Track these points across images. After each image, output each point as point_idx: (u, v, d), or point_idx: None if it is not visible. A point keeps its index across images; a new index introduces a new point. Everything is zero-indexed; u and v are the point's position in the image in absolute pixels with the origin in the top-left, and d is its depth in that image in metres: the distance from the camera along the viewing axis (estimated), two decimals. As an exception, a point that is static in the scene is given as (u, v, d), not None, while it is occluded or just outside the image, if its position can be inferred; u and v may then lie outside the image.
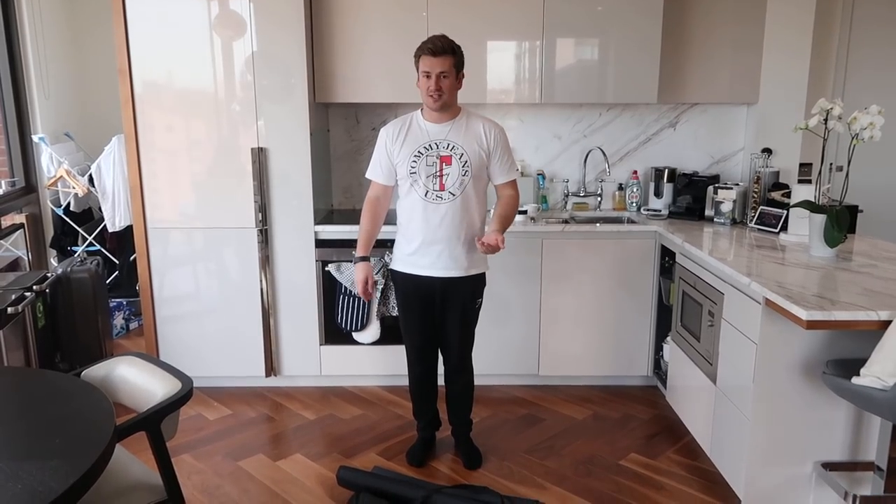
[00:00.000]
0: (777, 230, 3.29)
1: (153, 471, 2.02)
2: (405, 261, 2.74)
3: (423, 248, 2.68)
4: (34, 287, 3.25)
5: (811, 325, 2.10)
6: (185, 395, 1.97)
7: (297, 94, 3.38)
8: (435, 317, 2.77)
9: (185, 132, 3.44)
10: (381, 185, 2.74)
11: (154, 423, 1.90)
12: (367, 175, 2.77)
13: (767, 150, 3.74)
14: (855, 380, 2.09)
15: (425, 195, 2.64)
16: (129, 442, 2.23)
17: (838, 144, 3.98)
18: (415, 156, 2.63)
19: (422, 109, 2.70)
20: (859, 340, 2.29)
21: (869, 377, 2.05)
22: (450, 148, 2.63)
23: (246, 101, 3.39)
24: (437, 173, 2.63)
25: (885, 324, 2.08)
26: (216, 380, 3.68)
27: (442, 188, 2.63)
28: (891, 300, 2.20)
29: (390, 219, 2.83)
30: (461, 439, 2.98)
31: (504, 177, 2.75)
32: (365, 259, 2.73)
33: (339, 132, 4.00)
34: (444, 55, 2.53)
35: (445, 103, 2.59)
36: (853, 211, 3.20)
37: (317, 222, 3.52)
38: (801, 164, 3.80)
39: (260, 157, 3.43)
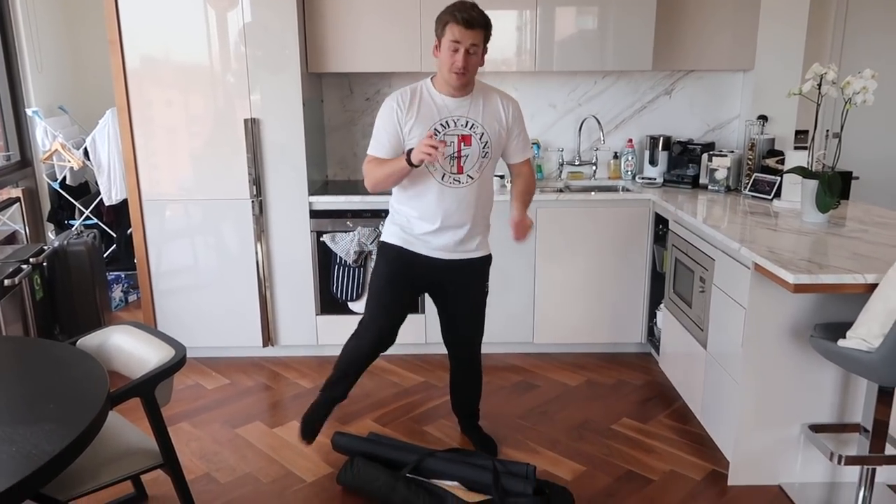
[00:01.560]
0: (771, 197, 3.29)
1: (150, 437, 2.07)
2: (414, 240, 2.51)
3: (440, 231, 2.47)
4: (31, 260, 3.28)
5: (798, 288, 2.11)
6: (178, 362, 2.01)
7: (290, 64, 3.36)
8: (416, 297, 2.69)
9: (178, 104, 3.42)
10: (378, 158, 2.45)
11: (148, 390, 1.94)
12: (371, 151, 2.45)
13: (763, 118, 3.72)
14: (841, 342, 2.11)
15: (442, 178, 2.41)
16: (128, 410, 2.27)
17: (835, 111, 3.96)
18: (435, 131, 2.37)
19: (432, 79, 2.44)
20: (848, 304, 2.31)
21: (854, 339, 2.08)
22: (469, 126, 2.40)
23: (239, 72, 3.37)
24: (455, 154, 2.40)
25: (872, 287, 2.09)
26: (214, 350, 3.72)
27: (460, 171, 2.41)
28: (879, 264, 2.21)
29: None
30: (473, 428, 2.90)
31: (522, 155, 2.57)
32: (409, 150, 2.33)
33: (334, 102, 3.98)
34: (477, 28, 2.26)
35: (469, 80, 2.37)
36: (846, 177, 3.20)
37: (311, 193, 3.53)
38: (798, 131, 3.78)
39: (253, 128, 3.42)
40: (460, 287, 2.62)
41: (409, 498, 2.38)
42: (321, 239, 3.51)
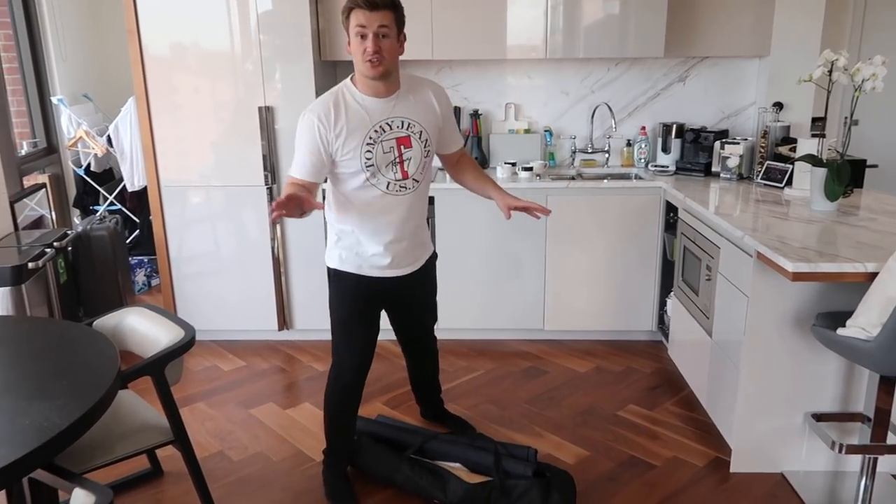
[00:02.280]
0: (782, 185, 3.27)
1: (163, 415, 2.15)
2: (364, 264, 2.31)
3: (390, 247, 2.30)
4: (55, 244, 3.39)
5: (797, 276, 2.11)
6: (188, 342, 2.08)
7: (304, 52, 3.42)
8: (381, 314, 2.46)
9: (195, 92, 3.50)
10: (308, 182, 2.16)
11: (158, 369, 2.02)
12: (291, 171, 2.19)
13: (778, 105, 3.68)
14: (840, 331, 2.11)
15: (387, 187, 2.22)
16: (144, 390, 2.37)
17: (854, 98, 3.91)
18: (367, 143, 2.15)
19: (352, 80, 2.20)
20: (851, 293, 2.30)
21: (854, 328, 2.08)
22: (407, 126, 2.20)
23: (254, 61, 3.43)
24: (398, 159, 2.21)
25: (873, 276, 2.09)
26: (231, 333, 3.82)
27: (405, 176, 2.23)
28: (881, 253, 2.20)
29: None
30: (443, 412, 2.93)
31: (457, 143, 2.47)
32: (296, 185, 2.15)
33: (348, 91, 4.02)
34: (383, 9, 2.06)
35: (387, 69, 2.11)
36: (859, 165, 3.17)
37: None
38: (814, 119, 3.75)
39: (267, 116, 3.49)
40: (417, 293, 2.55)
41: (412, 478, 2.44)
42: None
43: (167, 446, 2.15)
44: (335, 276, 2.38)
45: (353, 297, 2.36)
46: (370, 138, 2.16)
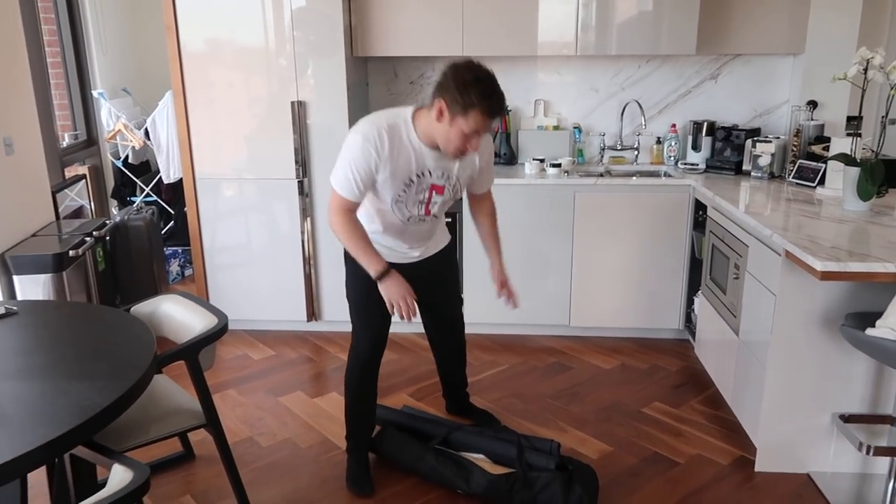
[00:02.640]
0: (814, 184, 3.23)
1: (196, 400, 2.22)
2: (380, 250, 2.31)
3: (405, 251, 2.42)
4: (94, 233, 3.50)
5: (825, 275, 2.10)
6: (221, 329, 2.15)
7: (337, 48, 3.47)
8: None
9: (230, 87, 3.58)
10: (353, 202, 2.20)
11: (192, 354, 2.09)
12: (339, 190, 2.17)
13: (812, 103, 3.64)
14: (869, 331, 2.10)
15: (407, 220, 2.31)
16: (178, 376, 2.45)
17: (890, 96, 3.84)
18: (406, 184, 2.20)
19: (413, 118, 2.15)
20: (881, 294, 2.28)
21: (883, 328, 2.06)
22: (444, 177, 2.25)
23: (287, 57, 3.50)
24: (425, 201, 2.27)
25: (904, 276, 2.07)
26: (261, 323, 3.90)
27: (427, 213, 2.32)
28: (914, 253, 2.18)
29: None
30: (468, 405, 2.96)
31: (487, 185, 2.51)
32: (389, 268, 2.20)
33: (378, 85, 4.08)
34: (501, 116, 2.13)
35: None
36: (894, 165, 3.11)
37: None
38: (849, 118, 3.69)
39: (300, 111, 3.55)
40: (434, 276, 2.56)
41: (436, 467, 2.48)
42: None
43: (199, 430, 2.23)
44: (351, 258, 2.35)
45: (368, 279, 2.29)
46: (410, 180, 2.20)
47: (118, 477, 1.42)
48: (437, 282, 2.60)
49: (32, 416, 1.54)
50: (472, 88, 1.99)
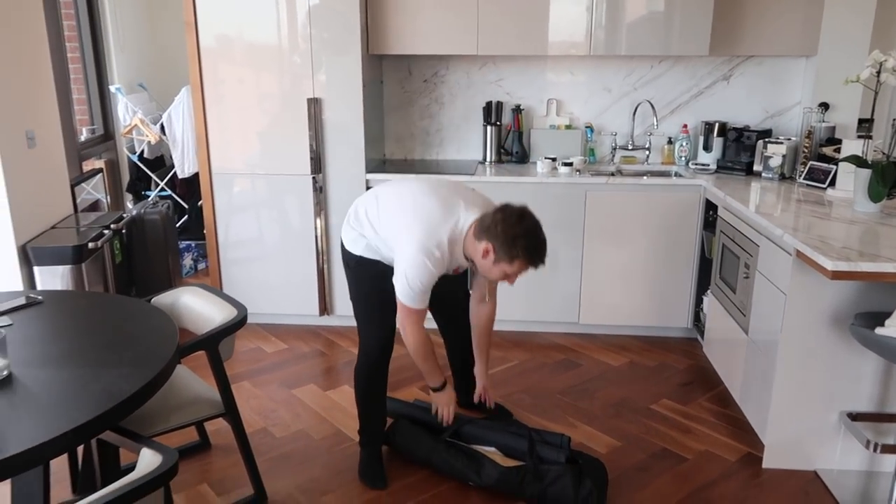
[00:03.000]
0: (825, 185, 3.25)
1: (215, 390, 2.27)
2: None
3: None
4: (112, 226, 3.56)
5: (836, 275, 2.13)
6: (241, 320, 2.20)
7: (352, 46, 3.51)
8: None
9: (247, 83, 3.63)
10: (425, 309, 2.34)
11: (212, 344, 2.14)
12: (412, 304, 2.28)
13: (824, 105, 3.66)
14: (878, 330, 2.13)
15: None
16: (196, 367, 2.50)
17: (901, 99, 3.85)
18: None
19: (465, 240, 2.26)
20: (890, 294, 2.31)
21: (892, 328, 2.09)
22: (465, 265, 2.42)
23: (304, 54, 3.54)
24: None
25: (914, 277, 2.09)
26: (274, 317, 3.95)
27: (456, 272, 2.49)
28: (924, 254, 2.21)
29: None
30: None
31: (490, 294, 2.64)
32: (446, 382, 2.54)
33: (393, 83, 4.12)
34: None
35: None
36: (906, 167, 3.13)
37: (368, 171, 3.69)
38: (861, 120, 3.71)
39: (315, 108, 3.60)
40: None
41: (448, 460, 2.53)
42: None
43: (215, 420, 2.28)
44: (358, 262, 2.47)
45: (376, 277, 2.43)
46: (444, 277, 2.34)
47: (147, 460, 1.46)
48: (451, 277, 2.63)
49: (62, 401, 1.59)
50: (520, 242, 2.16)
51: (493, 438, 2.58)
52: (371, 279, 2.46)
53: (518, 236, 2.16)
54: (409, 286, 2.23)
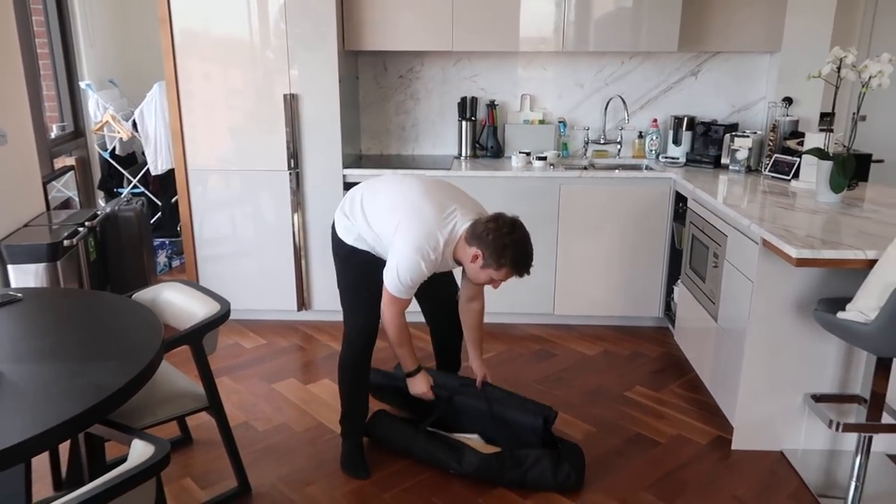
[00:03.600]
0: (789, 177, 3.37)
1: (198, 385, 2.29)
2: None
3: None
4: (86, 223, 3.53)
5: (800, 262, 2.23)
6: (224, 315, 2.22)
7: (328, 41, 3.53)
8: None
9: (222, 79, 3.62)
10: (408, 301, 2.39)
11: (196, 338, 2.16)
12: (398, 294, 2.32)
13: (788, 100, 3.78)
14: (840, 314, 2.23)
15: None
16: (178, 362, 2.51)
17: (861, 94, 4.00)
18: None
19: (456, 244, 2.33)
20: (851, 280, 2.42)
21: (853, 312, 2.19)
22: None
23: (279, 49, 3.55)
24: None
25: (873, 262, 2.20)
26: (252, 312, 3.96)
27: None
28: (882, 241, 2.31)
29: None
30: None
31: (476, 290, 2.63)
32: (420, 368, 2.56)
33: (368, 79, 4.14)
34: None
35: None
36: (865, 159, 3.26)
37: (345, 166, 3.71)
38: (823, 114, 3.84)
39: (292, 103, 3.61)
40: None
41: (429, 449, 2.58)
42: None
43: (197, 415, 2.30)
44: (350, 252, 2.50)
45: (366, 269, 2.47)
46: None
47: (139, 451, 1.49)
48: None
49: (50, 395, 1.60)
50: (508, 252, 2.25)
51: (472, 421, 2.62)
52: (360, 270, 2.51)
53: (507, 246, 2.24)
54: (399, 280, 2.29)
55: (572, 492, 2.45)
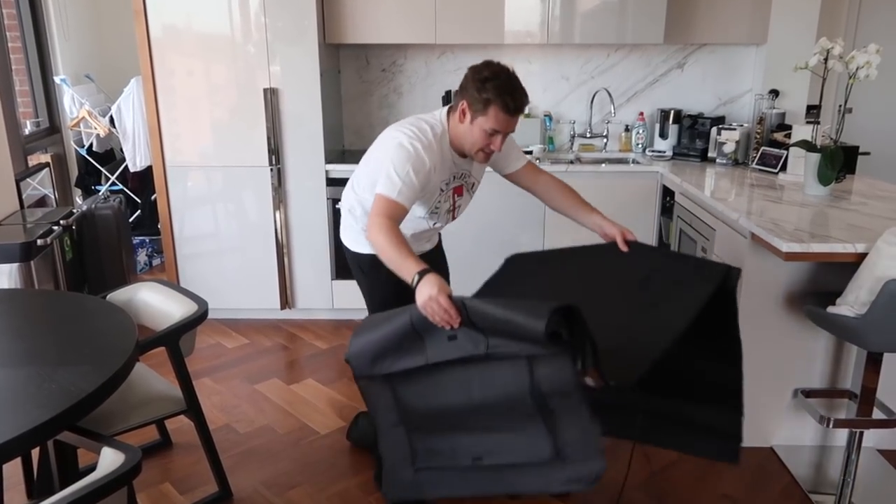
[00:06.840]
0: (777, 170, 3.35)
1: (175, 387, 2.22)
2: None
3: (421, 246, 2.39)
4: (61, 222, 3.44)
5: (790, 256, 2.20)
6: (201, 315, 2.15)
7: (308, 35, 3.46)
8: None
9: (200, 73, 3.54)
10: (405, 208, 2.01)
11: (173, 340, 2.09)
12: (398, 198, 1.96)
13: (774, 92, 3.76)
14: (830, 308, 2.20)
15: (434, 225, 2.30)
16: (155, 365, 2.44)
17: (849, 86, 3.98)
18: (440, 192, 2.18)
19: (448, 130, 2.12)
20: (841, 274, 2.38)
21: (843, 306, 2.16)
22: (463, 177, 2.23)
23: (259, 43, 3.47)
24: (452, 207, 2.28)
25: (862, 256, 2.17)
26: (234, 312, 3.88)
27: (454, 219, 2.35)
28: (871, 234, 2.28)
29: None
30: None
31: (517, 162, 2.35)
32: (428, 268, 1.81)
33: (350, 73, 4.07)
34: (521, 113, 2.04)
35: None
36: (852, 151, 3.24)
37: (328, 161, 3.64)
38: (809, 106, 3.82)
39: (272, 98, 3.53)
40: (438, 254, 2.58)
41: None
42: (337, 206, 3.63)
43: (176, 418, 2.23)
44: (371, 262, 2.16)
45: (394, 283, 1.95)
46: (441, 189, 2.17)
47: (108, 459, 1.42)
48: (440, 261, 2.59)
49: (19, 401, 1.53)
50: (490, 84, 1.97)
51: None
52: (388, 284, 2.02)
53: (487, 79, 1.97)
54: (396, 173, 1.96)
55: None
